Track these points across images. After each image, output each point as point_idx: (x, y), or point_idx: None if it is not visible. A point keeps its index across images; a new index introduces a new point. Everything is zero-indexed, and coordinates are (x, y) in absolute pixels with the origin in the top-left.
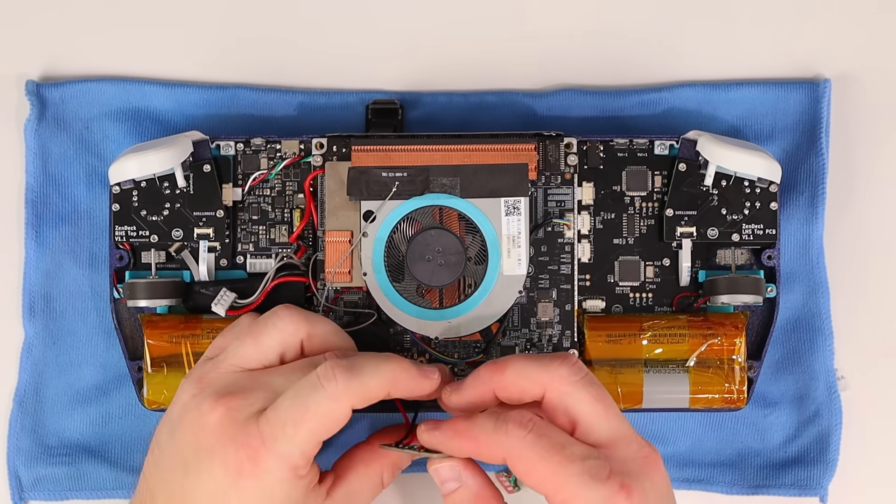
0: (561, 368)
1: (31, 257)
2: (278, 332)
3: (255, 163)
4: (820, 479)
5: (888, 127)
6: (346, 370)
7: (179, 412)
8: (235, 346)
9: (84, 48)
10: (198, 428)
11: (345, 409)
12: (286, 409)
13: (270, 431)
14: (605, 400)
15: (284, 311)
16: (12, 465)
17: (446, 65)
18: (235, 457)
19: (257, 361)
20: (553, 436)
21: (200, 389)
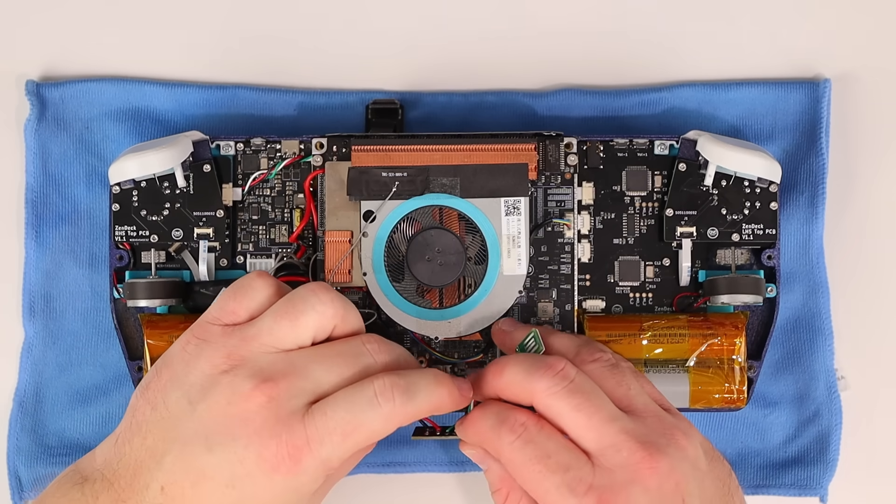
0: (541, 381)
1: (31, 257)
2: (318, 315)
3: (255, 163)
4: (820, 479)
5: (888, 127)
6: (403, 392)
7: (203, 384)
8: (269, 323)
9: (84, 48)
10: (232, 410)
11: (393, 428)
12: (338, 419)
13: (317, 435)
14: (587, 408)
15: (324, 294)
16: (12, 465)
17: (446, 65)
18: (276, 452)
19: (293, 343)
20: (541, 443)
21: (232, 366)
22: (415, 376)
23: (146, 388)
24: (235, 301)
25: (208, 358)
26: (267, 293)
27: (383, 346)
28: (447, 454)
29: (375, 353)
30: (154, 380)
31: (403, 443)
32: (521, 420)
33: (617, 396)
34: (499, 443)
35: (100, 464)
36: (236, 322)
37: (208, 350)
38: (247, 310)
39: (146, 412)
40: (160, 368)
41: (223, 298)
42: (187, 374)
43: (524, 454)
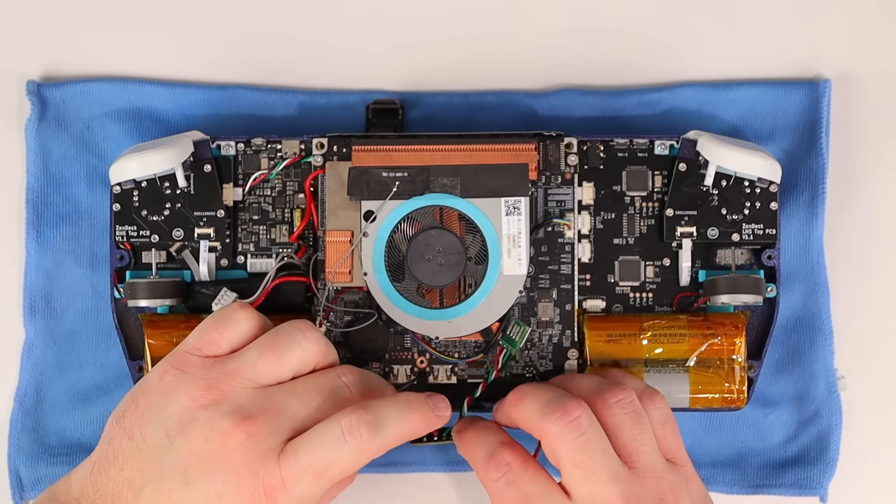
0: (553, 426)
1: (31, 257)
2: (303, 351)
3: (256, 163)
4: (820, 479)
5: (888, 127)
6: (370, 427)
7: (182, 418)
8: (254, 357)
9: (85, 48)
10: (211, 447)
11: (364, 462)
12: (309, 459)
13: (291, 475)
14: (588, 467)
15: (310, 331)
16: (13, 465)
17: (446, 65)
18: (252, 490)
19: (274, 378)
20: (523, 486)
21: (211, 401)
22: (383, 408)
23: (122, 417)
24: (217, 332)
25: (186, 390)
26: (249, 325)
27: (358, 377)
28: (446, 454)
29: (352, 386)
30: (131, 408)
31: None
32: (507, 459)
33: (626, 450)
34: (485, 475)
35: (76, 492)
36: (217, 354)
37: (187, 382)
38: (228, 341)
39: (122, 442)
40: (137, 397)
41: (204, 328)
42: (165, 405)
43: (505, 494)
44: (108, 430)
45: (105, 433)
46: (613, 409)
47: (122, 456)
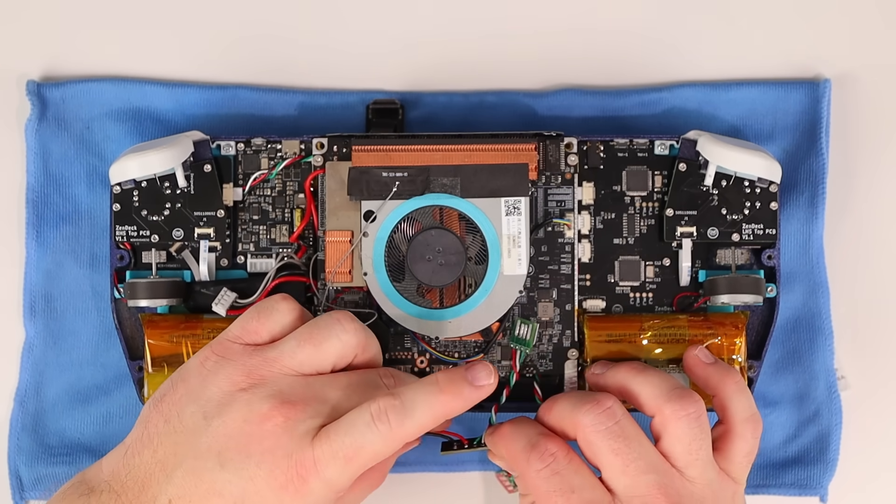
0: (587, 416)
1: (31, 257)
2: (341, 343)
3: (256, 163)
4: (820, 479)
5: (888, 127)
6: (398, 412)
7: (221, 401)
8: (293, 346)
9: (85, 48)
10: (248, 428)
11: (396, 447)
12: (340, 442)
13: (323, 458)
14: (626, 455)
15: (348, 323)
16: (13, 465)
17: (446, 65)
18: (286, 471)
19: (312, 368)
20: (568, 476)
21: (252, 385)
22: (411, 393)
23: (160, 401)
24: (258, 321)
25: (228, 375)
26: (291, 317)
27: (400, 380)
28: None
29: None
30: (169, 393)
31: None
32: (551, 449)
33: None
34: (526, 467)
35: (107, 475)
36: (257, 342)
37: (228, 367)
38: (269, 331)
39: (159, 424)
40: (176, 382)
41: (246, 318)
42: (204, 389)
43: (549, 484)
44: (145, 414)
45: (141, 417)
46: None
47: (157, 438)
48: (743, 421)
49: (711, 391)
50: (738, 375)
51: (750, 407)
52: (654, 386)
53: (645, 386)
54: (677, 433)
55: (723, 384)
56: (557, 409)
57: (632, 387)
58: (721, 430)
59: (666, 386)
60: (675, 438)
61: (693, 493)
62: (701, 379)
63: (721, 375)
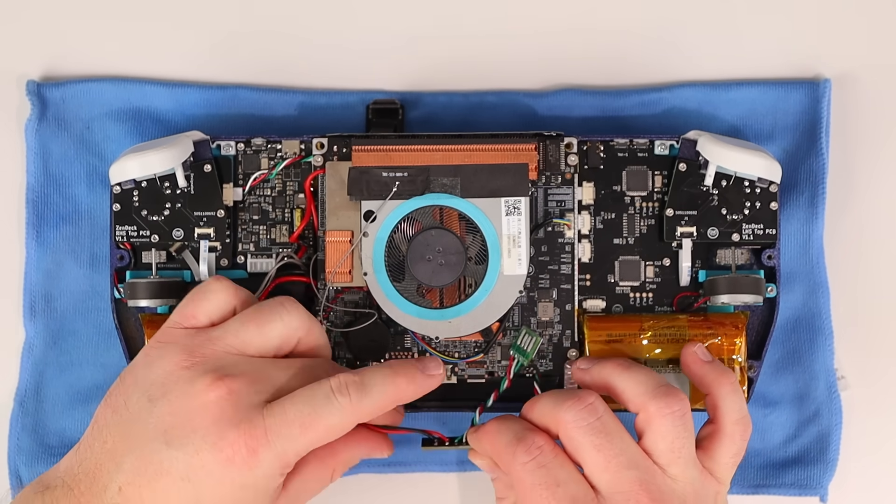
0: (568, 413)
1: (31, 257)
2: (284, 326)
3: (256, 163)
4: (820, 479)
5: (888, 127)
6: (358, 387)
7: (164, 380)
8: (236, 327)
9: (85, 48)
10: (191, 402)
11: (351, 424)
12: (297, 411)
13: (275, 427)
14: (607, 450)
15: (292, 307)
16: (13, 465)
17: (446, 65)
18: (233, 443)
19: (256, 349)
20: (553, 470)
21: (193, 363)
22: (369, 373)
23: (109, 395)
24: (194, 304)
25: (171, 358)
26: (224, 296)
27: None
28: (447, 454)
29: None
30: (117, 386)
31: (403, 442)
32: (538, 443)
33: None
34: (512, 460)
35: (62, 471)
36: (196, 326)
37: (170, 350)
38: (206, 313)
39: (107, 416)
40: (124, 376)
41: (182, 303)
42: (148, 374)
43: (535, 477)
44: (96, 412)
45: (93, 417)
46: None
47: (106, 429)
48: (734, 422)
49: (706, 389)
50: (733, 377)
51: (742, 409)
52: (639, 383)
53: (630, 383)
54: (661, 430)
55: (717, 383)
56: (539, 407)
57: (617, 383)
58: (710, 430)
59: (651, 383)
60: (658, 436)
61: (675, 490)
62: (697, 376)
63: (717, 374)
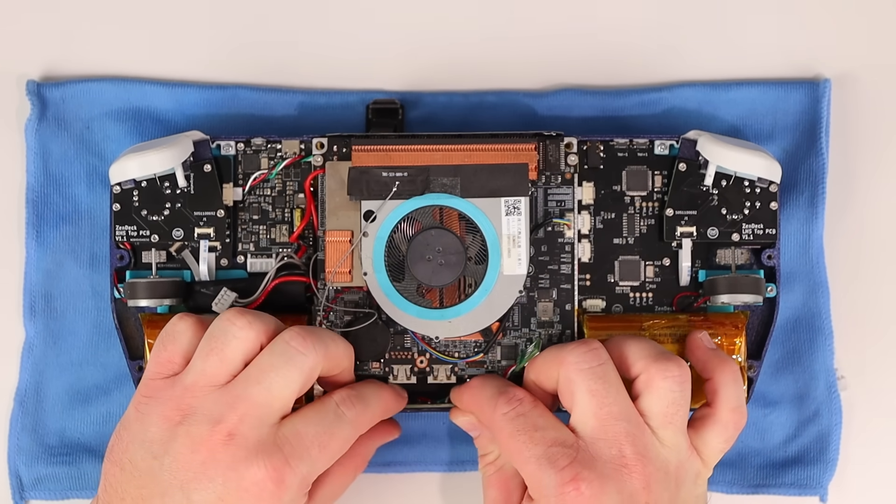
0: (571, 354)
1: (31, 257)
2: (241, 342)
3: (256, 162)
4: (820, 479)
5: (888, 127)
6: (360, 400)
7: (161, 437)
8: (200, 366)
9: (85, 48)
10: (198, 457)
11: (358, 434)
12: (312, 433)
13: (295, 452)
14: (602, 396)
15: (240, 319)
16: (13, 465)
17: (446, 65)
18: (258, 481)
19: (227, 375)
20: (532, 417)
21: (183, 416)
22: (362, 387)
23: (111, 451)
24: (167, 351)
25: (159, 413)
26: (190, 332)
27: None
28: (447, 454)
29: (303, 347)
30: (116, 443)
31: (404, 443)
32: (519, 395)
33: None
34: (493, 412)
35: None
36: (175, 371)
37: (157, 406)
38: (181, 355)
39: (116, 474)
40: (120, 431)
41: (155, 353)
42: (144, 431)
43: (514, 425)
44: (104, 468)
45: (102, 473)
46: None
47: (120, 486)
48: (731, 410)
49: (707, 374)
50: (736, 367)
51: (740, 399)
52: (643, 347)
53: (634, 346)
54: (659, 392)
55: (720, 370)
56: (545, 355)
57: (622, 347)
58: (706, 413)
59: (655, 349)
60: (656, 397)
61: (659, 452)
62: (700, 361)
63: (720, 361)
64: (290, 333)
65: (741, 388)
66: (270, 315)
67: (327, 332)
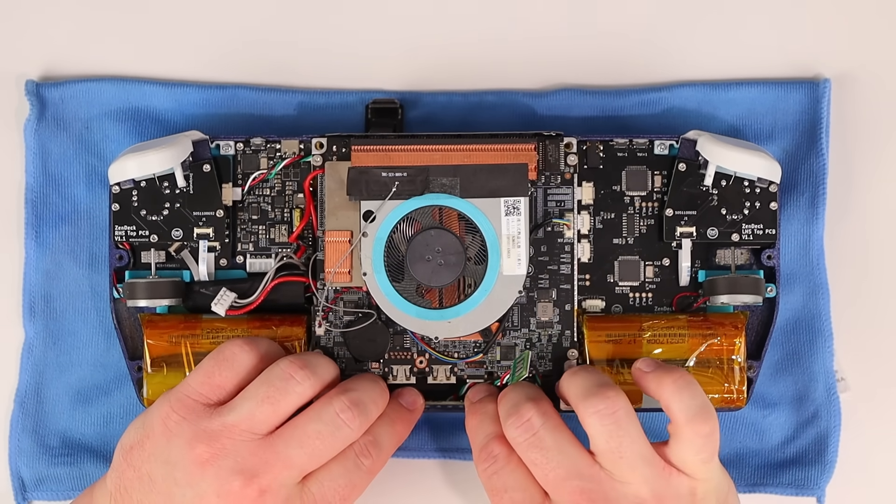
0: (508, 431)
1: (31, 257)
2: (298, 398)
3: (255, 162)
4: (817, 480)
5: (888, 127)
6: (376, 447)
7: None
8: (251, 409)
9: (84, 48)
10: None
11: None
12: (334, 486)
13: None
14: (544, 465)
15: (300, 373)
16: (14, 466)
17: (446, 64)
18: None
19: (272, 426)
20: (504, 477)
21: (214, 456)
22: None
23: (129, 452)
24: (220, 375)
25: (188, 440)
26: (251, 364)
27: (356, 410)
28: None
29: (351, 422)
30: (136, 448)
31: None
32: (494, 452)
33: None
34: (476, 461)
35: None
36: (220, 399)
37: (188, 430)
38: (233, 383)
39: (133, 481)
40: (142, 437)
41: (205, 371)
42: (168, 450)
43: (490, 483)
44: (118, 465)
45: (114, 464)
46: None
47: (136, 493)
48: (686, 421)
49: (655, 397)
50: (675, 375)
51: (691, 406)
52: (576, 385)
53: (570, 387)
54: (592, 431)
55: (659, 387)
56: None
57: (562, 390)
58: (670, 430)
59: (586, 384)
60: (593, 437)
61: (626, 493)
62: (644, 389)
63: (657, 380)
64: (340, 403)
65: (691, 393)
66: (327, 360)
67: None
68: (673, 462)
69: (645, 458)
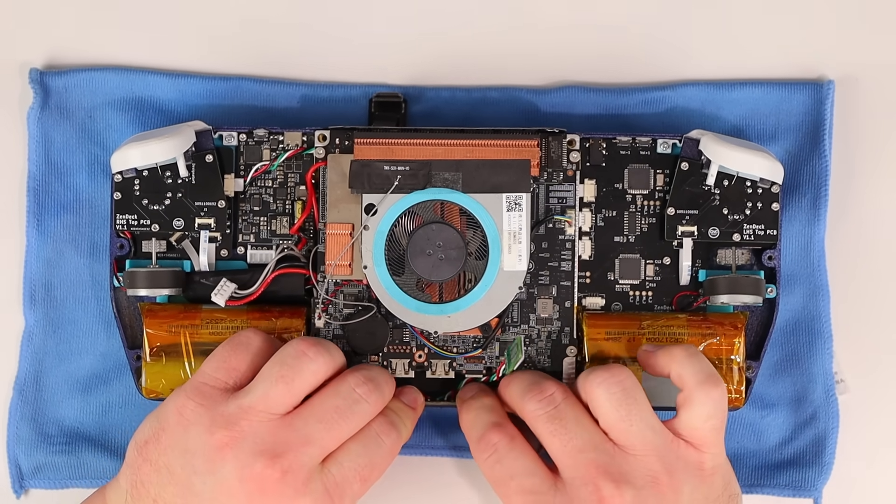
0: (529, 404)
1: (32, 245)
2: (312, 375)
3: (258, 154)
4: (815, 482)
5: (891, 129)
6: (396, 426)
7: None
8: (265, 389)
9: (88, 37)
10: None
11: (394, 457)
12: (354, 465)
13: (338, 489)
14: (562, 435)
15: (313, 351)
16: (12, 454)
17: (450, 60)
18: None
19: (289, 406)
20: (508, 464)
21: (234, 440)
22: (396, 408)
23: (144, 447)
24: (235, 357)
25: (207, 427)
26: (262, 346)
27: (371, 385)
28: (448, 439)
29: (367, 396)
30: (152, 441)
31: None
32: (494, 440)
33: (617, 430)
34: (476, 453)
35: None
36: (236, 382)
37: (206, 417)
38: (248, 364)
39: (150, 474)
40: (157, 430)
41: (219, 356)
42: (186, 439)
43: (493, 472)
44: (132, 461)
45: (128, 460)
46: (597, 391)
47: (154, 488)
48: (698, 384)
49: (666, 371)
50: (685, 345)
51: (702, 371)
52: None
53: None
54: (599, 403)
55: (670, 356)
56: (509, 393)
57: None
58: (680, 399)
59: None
60: (601, 410)
61: (637, 466)
62: (652, 367)
63: (667, 352)
64: (356, 379)
65: (701, 360)
66: (336, 345)
67: (383, 374)
68: (682, 433)
69: (653, 427)
